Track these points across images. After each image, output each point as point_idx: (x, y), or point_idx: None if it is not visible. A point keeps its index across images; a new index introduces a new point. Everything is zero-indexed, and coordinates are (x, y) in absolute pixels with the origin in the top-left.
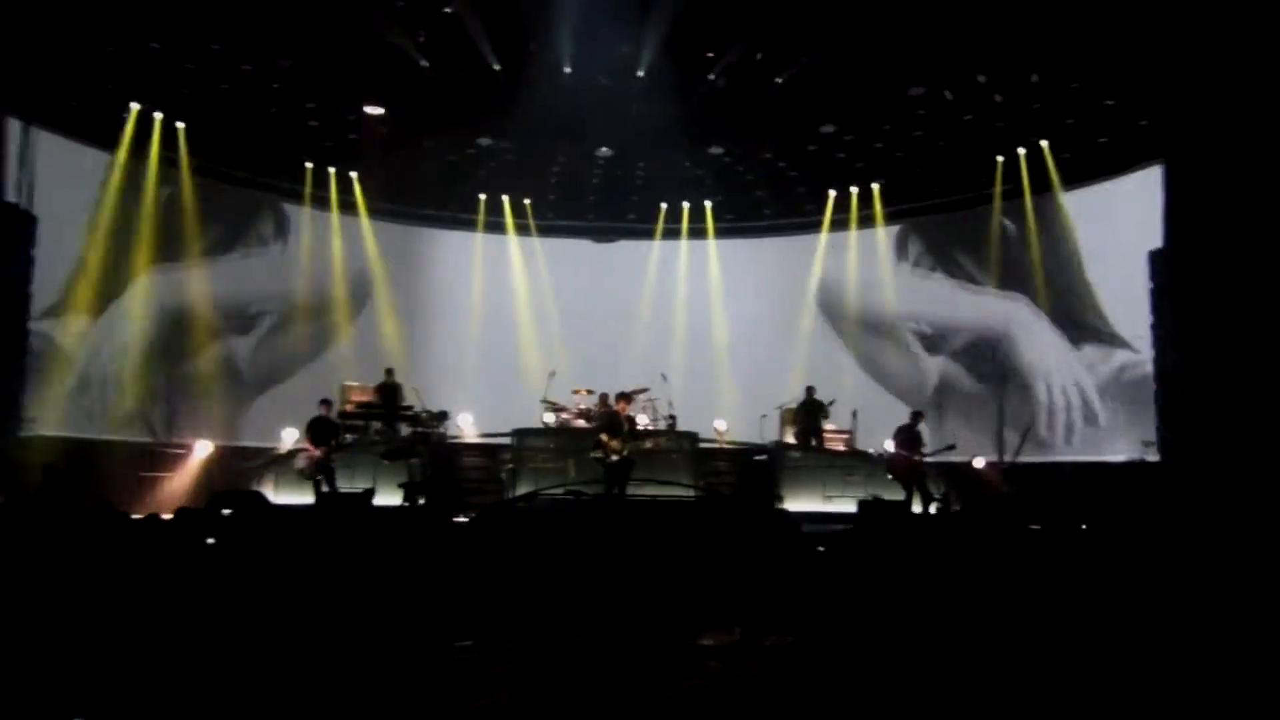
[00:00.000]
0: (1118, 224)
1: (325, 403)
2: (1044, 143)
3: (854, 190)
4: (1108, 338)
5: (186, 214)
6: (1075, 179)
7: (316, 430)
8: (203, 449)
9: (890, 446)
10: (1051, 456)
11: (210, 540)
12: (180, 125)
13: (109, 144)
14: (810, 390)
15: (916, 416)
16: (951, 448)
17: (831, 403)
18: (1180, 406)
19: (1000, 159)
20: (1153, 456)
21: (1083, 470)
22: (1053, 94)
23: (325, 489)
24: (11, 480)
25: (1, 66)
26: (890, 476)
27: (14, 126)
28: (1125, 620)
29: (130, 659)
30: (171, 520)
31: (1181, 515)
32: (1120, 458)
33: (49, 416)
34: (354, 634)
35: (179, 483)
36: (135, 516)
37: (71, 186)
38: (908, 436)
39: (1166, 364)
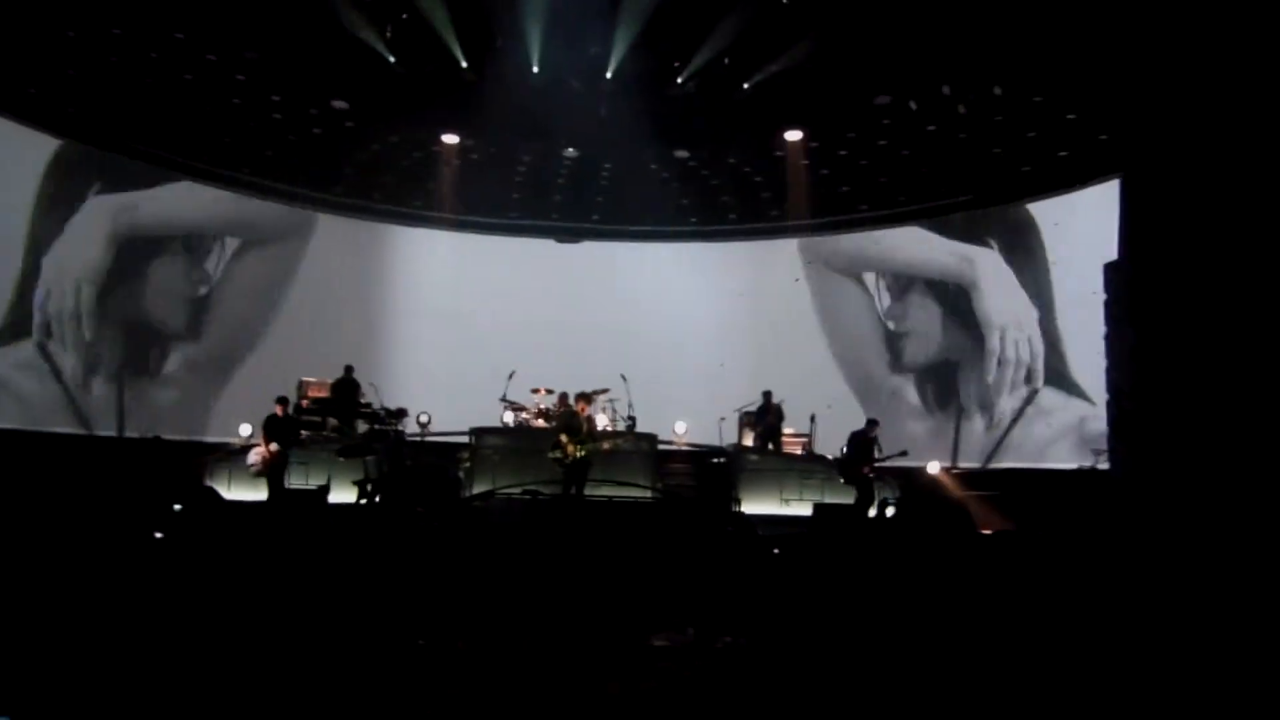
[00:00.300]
0: (1076, 237)
1: (282, 400)
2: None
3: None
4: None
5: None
6: (1034, 190)
7: (272, 429)
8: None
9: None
10: (1005, 463)
11: (158, 535)
12: None
13: (69, 132)
14: (768, 394)
15: (872, 424)
16: (904, 454)
17: (780, 402)
18: (1131, 419)
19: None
20: (1103, 465)
21: (1034, 476)
22: (1015, 106)
23: (276, 484)
24: None
25: None
26: (843, 481)
27: None
28: (1068, 624)
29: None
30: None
31: (1131, 525)
32: (1071, 465)
33: None
34: (307, 629)
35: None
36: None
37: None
38: (862, 442)
39: (1119, 376)
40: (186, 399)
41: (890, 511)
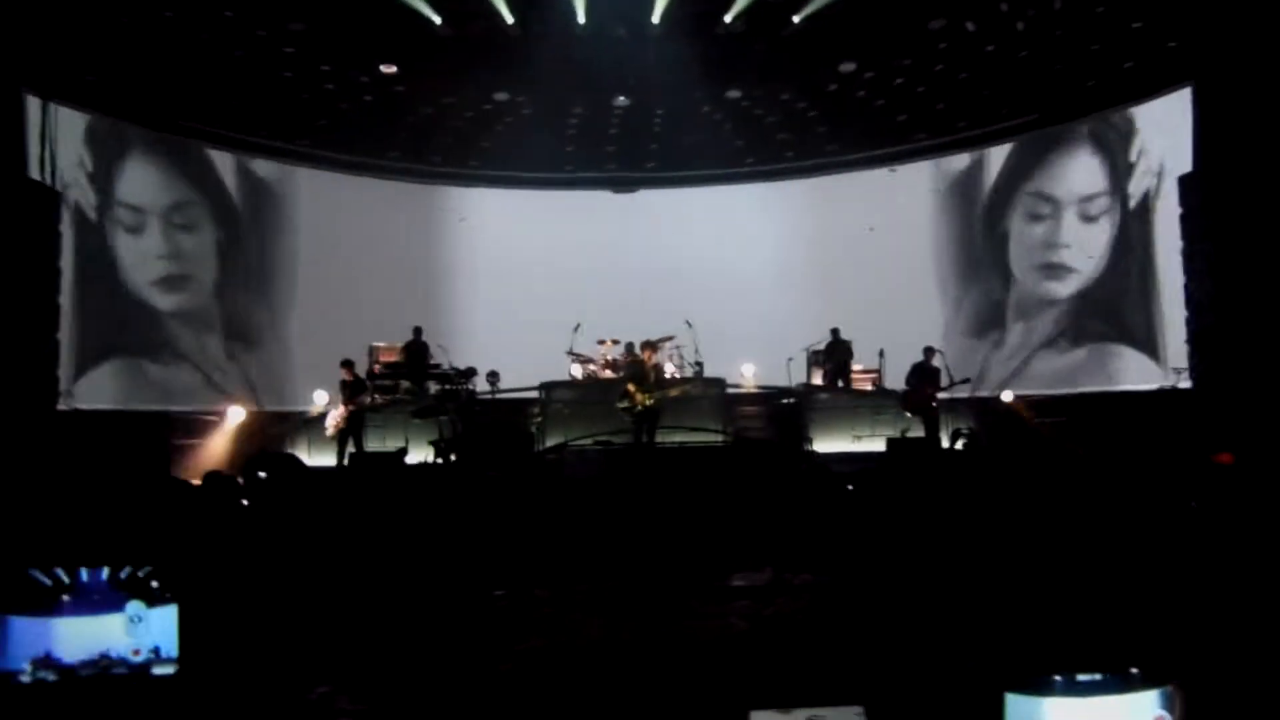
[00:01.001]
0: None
1: (347, 363)
2: None
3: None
4: None
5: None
6: (1101, 104)
7: (344, 390)
8: (236, 414)
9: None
10: (1080, 388)
11: (245, 502)
12: None
13: (128, 115)
14: (835, 331)
15: (929, 352)
16: (967, 381)
17: (848, 340)
18: (1212, 332)
19: None
20: (1184, 384)
21: (1113, 399)
22: (1076, 19)
23: (353, 449)
24: (52, 454)
25: (15, 43)
26: (908, 414)
27: (32, 103)
28: (1149, 552)
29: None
30: (200, 485)
31: (1215, 443)
32: (1151, 386)
33: (82, 391)
34: (393, 588)
35: (214, 449)
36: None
37: (92, 159)
38: (922, 372)
39: (1198, 289)
40: (263, 369)
41: (962, 444)
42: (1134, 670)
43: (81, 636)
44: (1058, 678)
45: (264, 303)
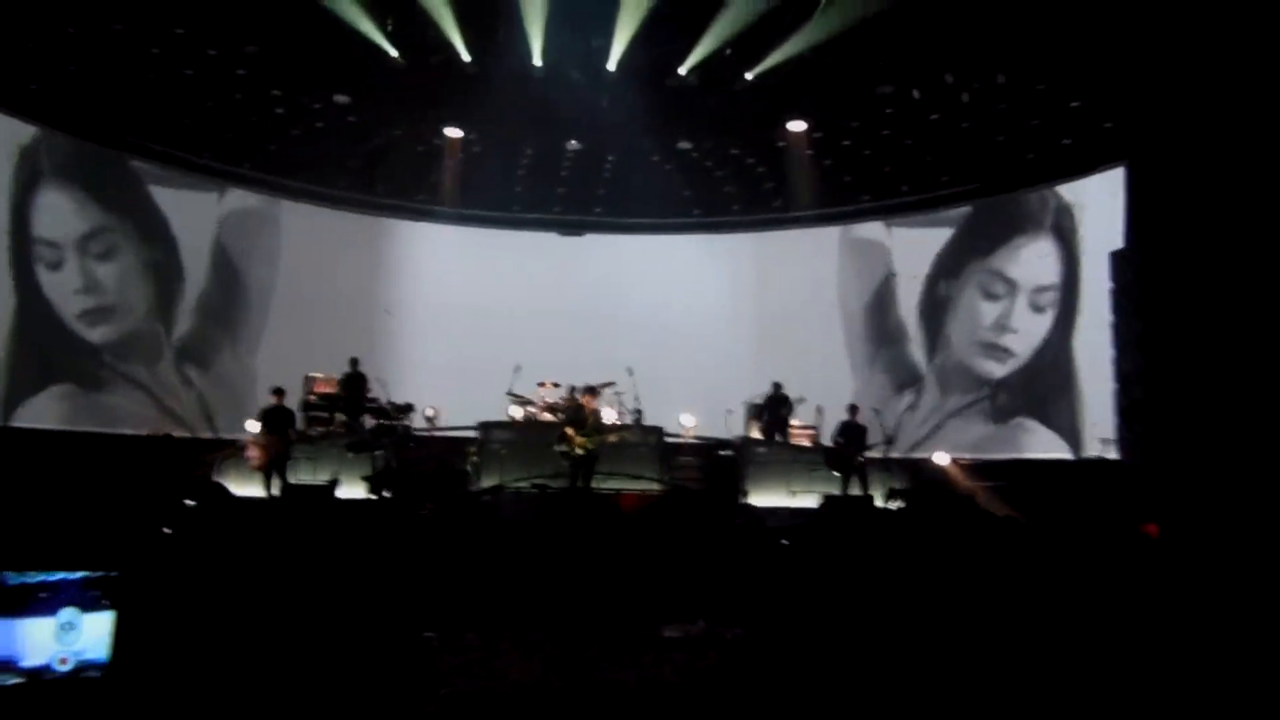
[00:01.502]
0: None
1: (278, 391)
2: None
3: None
4: None
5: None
6: (1039, 178)
7: (269, 420)
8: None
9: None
10: (1024, 453)
11: (167, 530)
12: None
13: (68, 127)
14: (777, 386)
15: (853, 409)
16: (890, 441)
17: (799, 400)
18: (1140, 407)
19: None
20: (1110, 454)
21: (1045, 467)
22: (1019, 94)
23: (278, 480)
24: None
25: None
26: (832, 472)
27: None
28: (1078, 616)
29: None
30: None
31: (1142, 514)
32: (1081, 455)
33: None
34: (320, 623)
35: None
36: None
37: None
38: (847, 430)
39: (1127, 364)
40: (194, 397)
41: (896, 504)
42: None
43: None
44: None
45: (203, 328)
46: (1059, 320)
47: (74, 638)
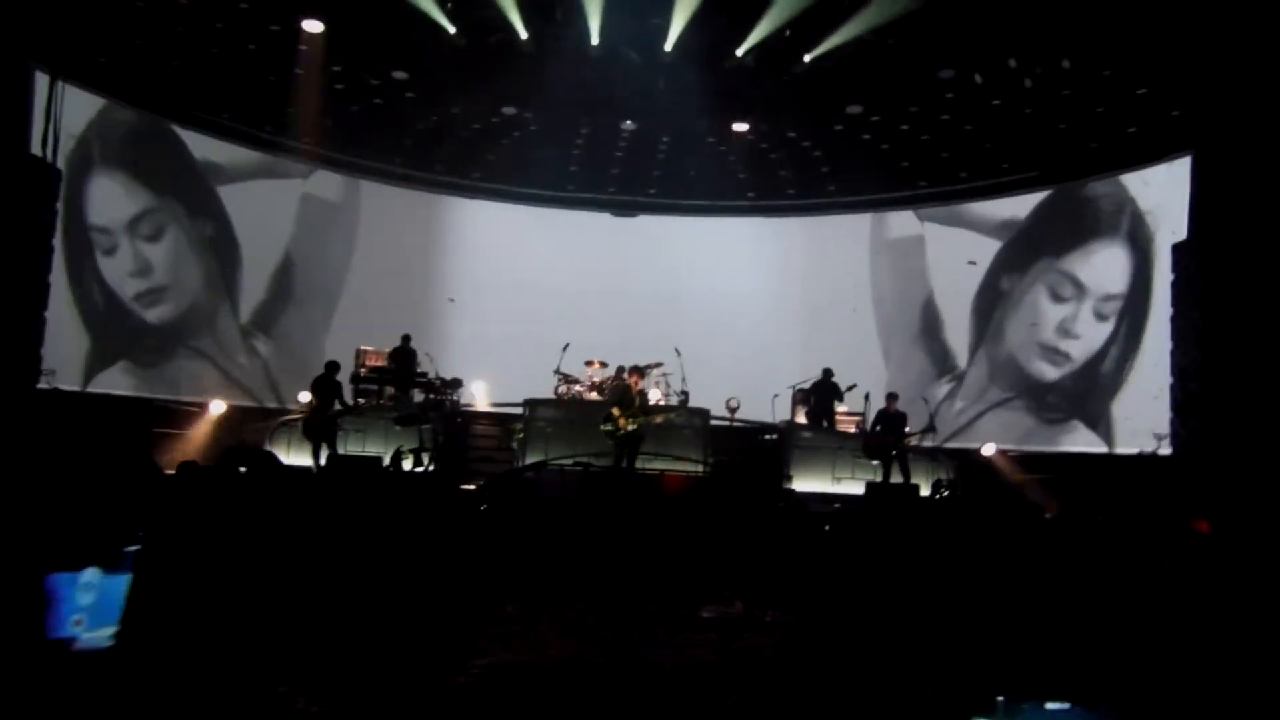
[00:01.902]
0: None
1: (331, 364)
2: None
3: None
4: None
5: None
6: (1102, 167)
7: (319, 389)
8: (217, 407)
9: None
10: (1061, 447)
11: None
12: None
13: (138, 100)
14: (828, 372)
15: (891, 398)
16: (930, 430)
17: (851, 387)
18: (1196, 401)
19: None
20: (1165, 450)
21: (1093, 461)
22: (1084, 81)
23: (325, 450)
24: (30, 433)
25: (29, 19)
26: (869, 460)
27: (41, 80)
28: (1126, 610)
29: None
30: (175, 474)
31: (1192, 510)
32: (1131, 450)
33: (66, 371)
34: (360, 592)
35: (192, 440)
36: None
37: (100, 141)
38: (884, 418)
39: (1185, 358)
40: (259, 366)
41: (942, 494)
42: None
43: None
44: (1026, 705)
45: (268, 302)
46: (1122, 331)
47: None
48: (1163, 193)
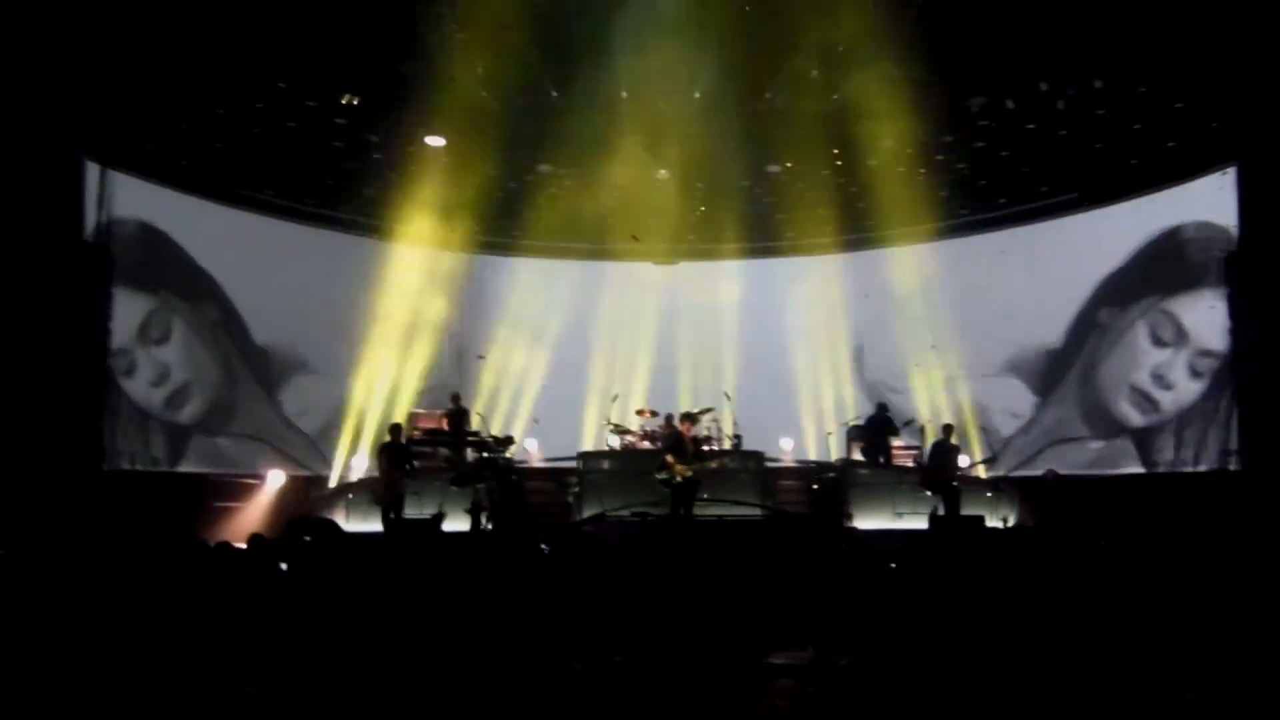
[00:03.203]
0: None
1: (395, 428)
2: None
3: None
4: None
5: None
6: (1143, 184)
7: (388, 455)
8: (275, 479)
9: (964, 461)
10: (1128, 469)
11: (284, 566)
12: None
13: (183, 185)
14: (882, 407)
15: (948, 430)
16: (991, 460)
17: (908, 423)
18: (1262, 414)
19: None
20: (1234, 466)
21: (1162, 481)
22: (1118, 99)
23: (393, 515)
24: (95, 515)
25: (77, 109)
26: (928, 493)
27: (92, 169)
28: (1205, 634)
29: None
30: (246, 549)
31: (1266, 526)
32: (1200, 468)
33: (127, 451)
34: (426, 656)
35: (252, 513)
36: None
37: (146, 226)
38: (941, 450)
39: (1246, 370)
40: (302, 435)
41: (1006, 523)
42: None
43: None
44: None
45: (296, 372)
46: (1212, 390)
47: None
48: None
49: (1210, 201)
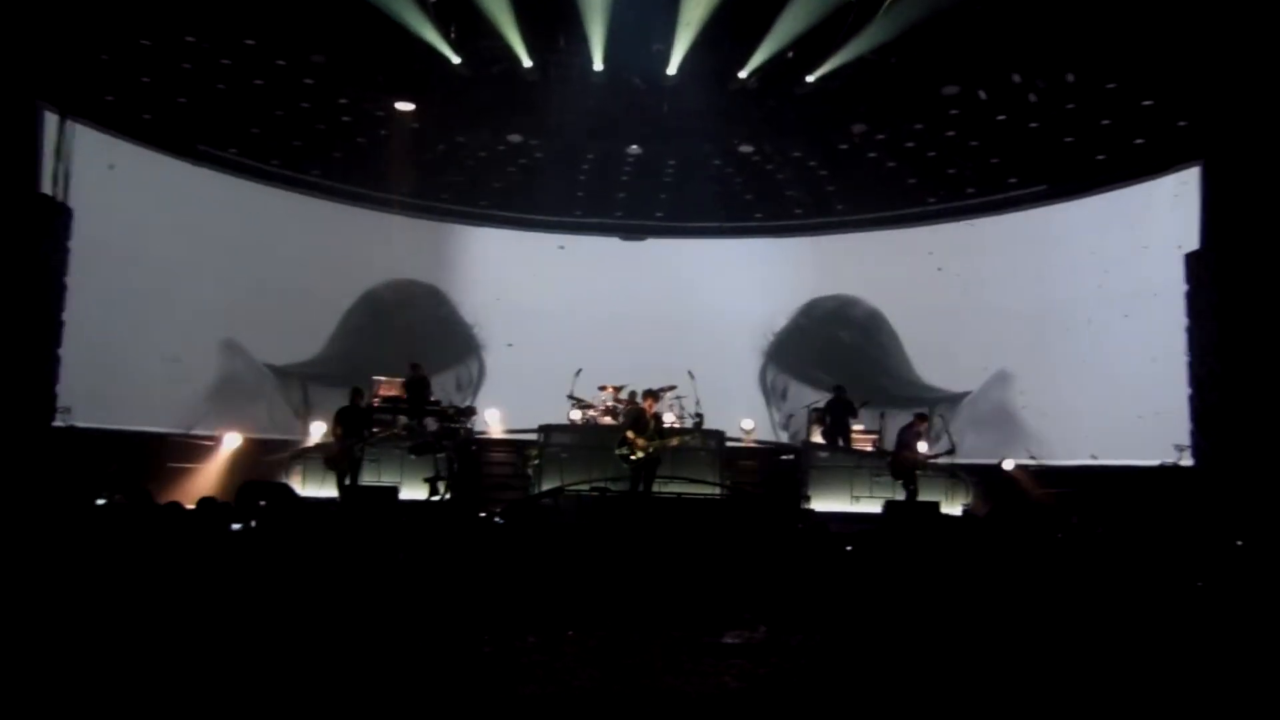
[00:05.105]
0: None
1: (357, 392)
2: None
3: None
4: None
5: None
6: (1110, 180)
7: (346, 420)
8: (231, 441)
9: (922, 448)
10: (1080, 460)
11: (236, 526)
12: None
13: (144, 138)
14: (840, 389)
15: (919, 418)
16: (951, 451)
17: (864, 403)
18: (1215, 412)
19: None
20: (1185, 461)
21: (1114, 474)
22: (1089, 93)
23: (348, 481)
24: (45, 472)
25: (38, 59)
26: (893, 477)
27: (50, 119)
28: (1149, 624)
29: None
30: (195, 510)
31: (1214, 521)
32: (1152, 462)
33: (81, 407)
34: (380, 626)
35: (207, 474)
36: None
37: (105, 179)
38: (907, 436)
39: (1202, 369)
40: (258, 399)
41: (960, 509)
42: None
43: None
44: None
45: (266, 334)
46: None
47: None
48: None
49: (1173, 198)
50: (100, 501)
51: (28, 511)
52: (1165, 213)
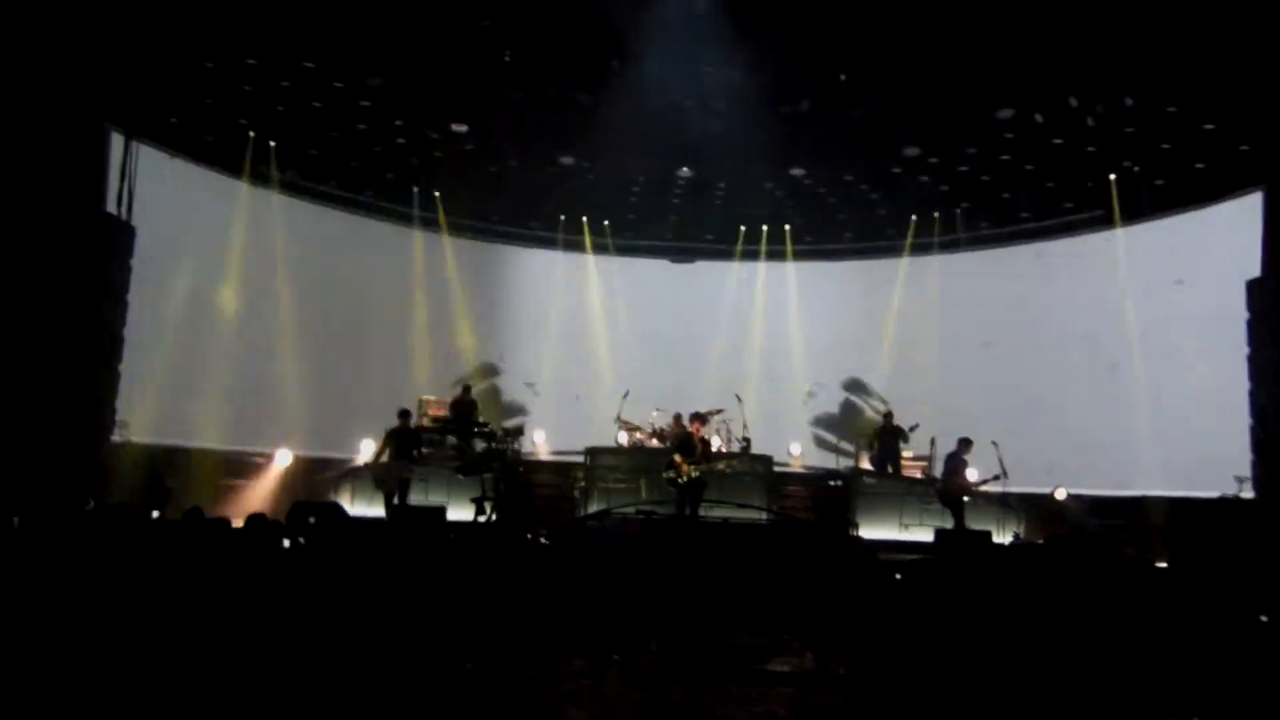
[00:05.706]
0: (1213, 252)
1: (404, 414)
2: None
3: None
4: None
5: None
6: (1169, 205)
7: (396, 441)
8: (283, 458)
9: (971, 475)
10: (1137, 490)
11: (286, 543)
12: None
13: (206, 159)
14: (889, 416)
15: (963, 444)
16: (998, 478)
17: (914, 428)
18: (1277, 442)
19: None
20: (1246, 493)
21: (1170, 505)
22: (1148, 118)
23: (396, 501)
24: (102, 485)
25: (106, 81)
26: (941, 505)
27: (116, 139)
28: (1210, 656)
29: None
30: (244, 527)
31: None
32: (1211, 493)
33: (139, 423)
34: (426, 646)
35: (258, 491)
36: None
37: (169, 199)
38: (954, 463)
39: (1263, 396)
40: (310, 416)
41: (1010, 539)
42: None
43: None
44: None
45: (321, 351)
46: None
47: None
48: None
49: (1235, 225)
50: (155, 515)
51: (84, 524)
52: (1226, 238)
